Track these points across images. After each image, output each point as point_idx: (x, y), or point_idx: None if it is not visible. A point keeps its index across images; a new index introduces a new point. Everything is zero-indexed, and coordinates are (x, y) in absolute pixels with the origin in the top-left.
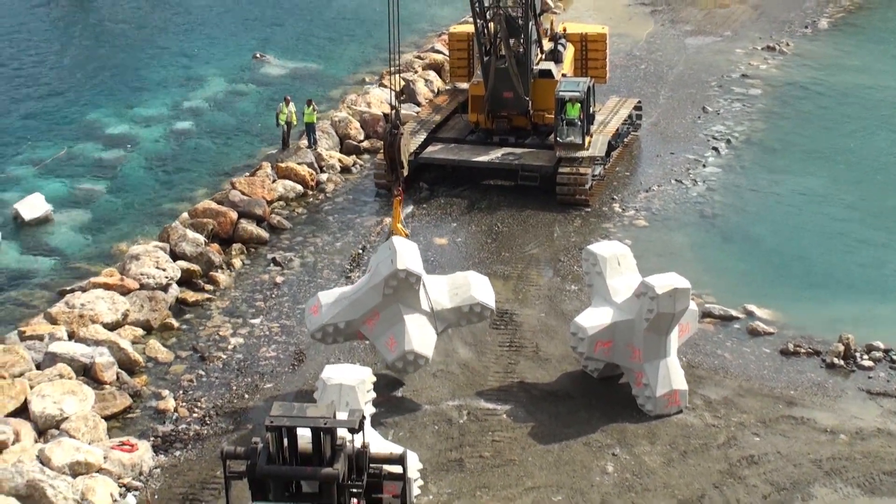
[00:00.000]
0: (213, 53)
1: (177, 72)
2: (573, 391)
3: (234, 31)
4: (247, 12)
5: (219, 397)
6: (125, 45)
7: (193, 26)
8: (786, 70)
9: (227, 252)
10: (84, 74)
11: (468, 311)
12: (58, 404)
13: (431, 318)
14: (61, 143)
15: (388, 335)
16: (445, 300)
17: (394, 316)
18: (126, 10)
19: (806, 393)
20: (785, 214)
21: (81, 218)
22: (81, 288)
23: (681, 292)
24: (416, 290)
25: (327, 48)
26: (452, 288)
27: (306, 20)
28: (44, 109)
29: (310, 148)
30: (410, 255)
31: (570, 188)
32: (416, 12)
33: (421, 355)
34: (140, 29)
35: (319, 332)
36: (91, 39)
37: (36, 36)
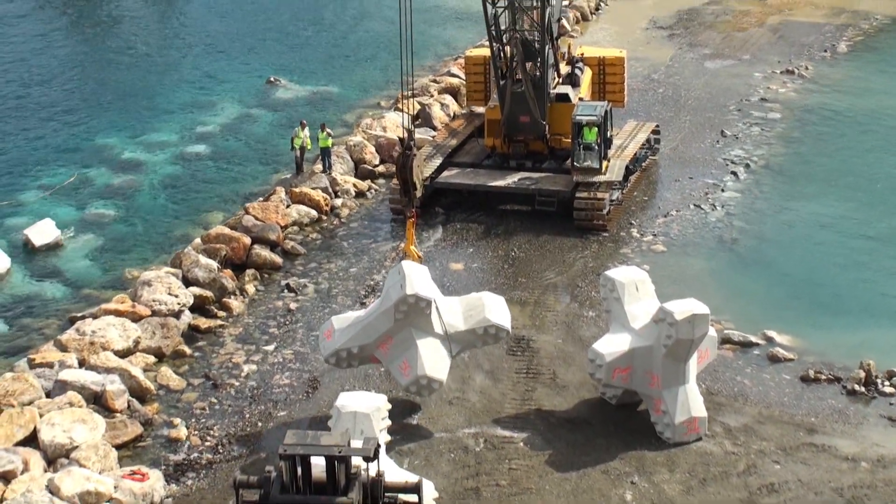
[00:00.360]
0: (226, 77)
1: (189, 96)
2: (591, 418)
3: (248, 54)
4: (261, 35)
5: (232, 425)
6: (136, 69)
7: (206, 50)
8: (805, 94)
9: (241, 278)
10: (94, 98)
11: (483, 333)
12: (67, 433)
13: (445, 341)
14: (71, 168)
15: (401, 359)
16: (459, 322)
17: (406, 340)
18: (136, 34)
19: (827, 420)
20: (805, 239)
21: (92, 244)
22: (92, 315)
23: (700, 318)
24: (427, 314)
25: (342, 72)
26: (466, 309)
27: (321, 44)
28: (53, 134)
29: (324, 173)
30: (420, 279)
31: (587, 213)
32: (432, 36)
33: (435, 379)
34: (151, 52)
35: (333, 357)
36: (101, 62)
37: (44, 59)
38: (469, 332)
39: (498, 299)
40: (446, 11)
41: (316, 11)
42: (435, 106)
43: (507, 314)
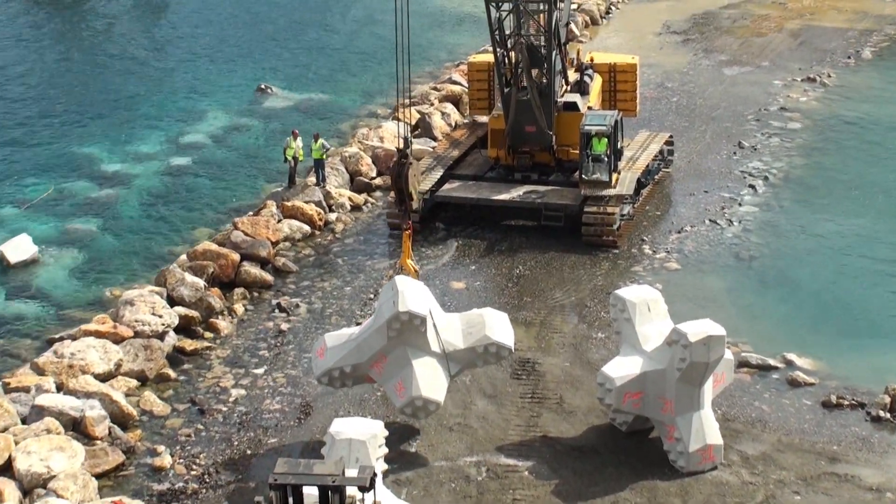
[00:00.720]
0: (214, 84)
1: (175, 104)
2: (600, 446)
3: (237, 60)
4: (251, 41)
5: (219, 453)
6: (119, 76)
7: (193, 55)
8: (827, 102)
9: (229, 297)
10: (74, 106)
11: (483, 352)
12: (45, 461)
13: (443, 360)
14: (50, 180)
15: (396, 379)
16: (458, 340)
17: (401, 359)
18: (121, 39)
19: (850, 448)
20: (827, 257)
21: (71, 261)
22: (71, 336)
23: (715, 340)
24: (422, 332)
25: (337, 79)
26: (466, 327)
27: (314, 50)
28: (31, 144)
29: (318, 185)
30: (415, 295)
31: (596, 229)
32: (431, 40)
33: (431, 401)
34: (135, 58)
35: (326, 377)
36: (82, 69)
37: (22, 66)
38: (469, 351)
39: (500, 316)
40: (447, 15)
41: (309, 16)
42: (435, 115)
43: (510, 332)
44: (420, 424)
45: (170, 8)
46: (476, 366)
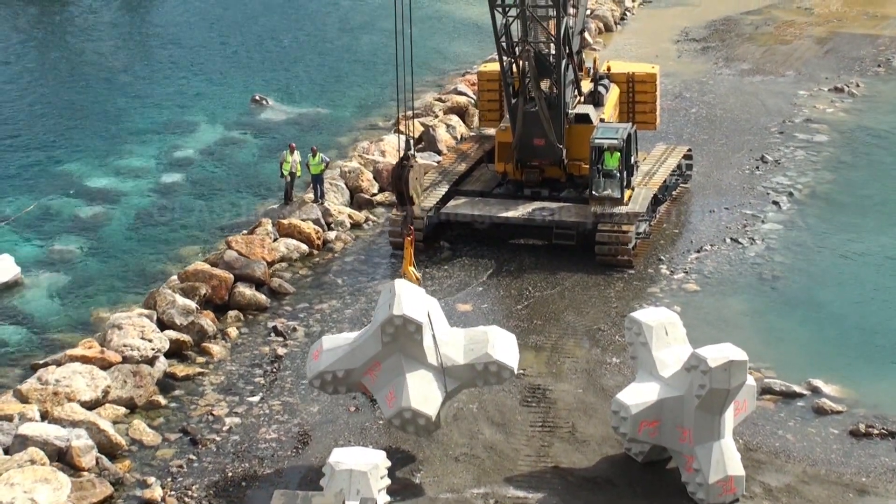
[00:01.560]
0: (206, 95)
1: (165, 116)
2: (615, 478)
3: (231, 70)
4: (245, 50)
5: (212, 485)
6: (107, 87)
7: (184, 65)
8: (856, 114)
9: (222, 320)
10: (59, 119)
11: (483, 370)
12: (29, 494)
13: (440, 375)
14: (32, 197)
15: (388, 388)
16: (459, 356)
17: (395, 368)
18: (107, 48)
19: (880, 480)
20: (855, 277)
21: (56, 282)
22: (56, 362)
23: (737, 366)
24: (417, 339)
25: (336, 90)
26: (469, 343)
27: (311, 59)
28: (12, 159)
29: (316, 202)
30: (412, 301)
31: (610, 248)
32: (435, 49)
33: (421, 414)
34: (123, 67)
35: (318, 380)
36: (66, 78)
37: (3, 77)
38: (468, 368)
39: (507, 336)
40: (453, 22)
41: (306, 23)
42: (440, 127)
43: (514, 353)
44: (424, 454)
45: (158, 14)
46: (476, 385)
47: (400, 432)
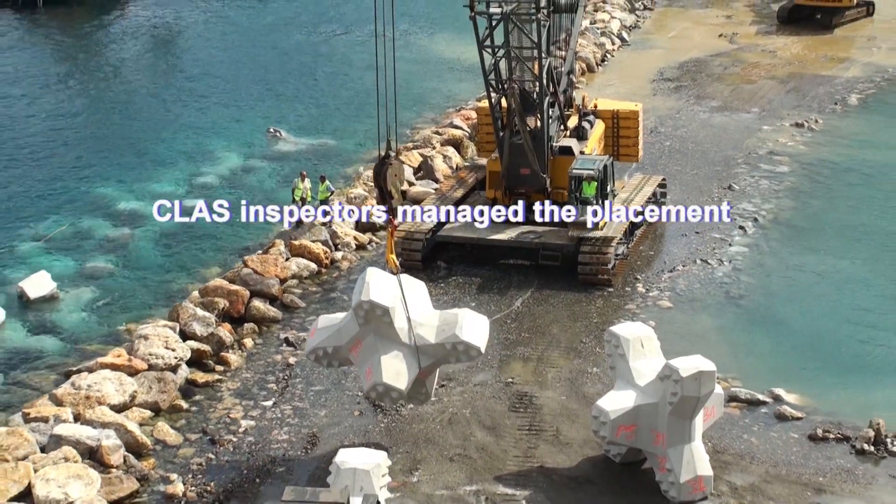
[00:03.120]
0: (225, 128)
1: (188, 146)
2: (595, 477)
3: (248, 105)
4: (260, 87)
5: (229, 481)
6: (134, 118)
7: (205, 100)
8: (815, 147)
9: (239, 332)
10: (91, 147)
11: (451, 349)
12: (63, 488)
13: (413, 352)
14: (66, 218)
15: (367, 365)
16: (431, 336)
17: (372, 346)
18: (136, 82)
19: (835, 480)
20: (814, 296)
21: (88, 296)
22: (88, 368)
23: (706, 375)
24: (387, 321)
25: (342, 124)
26: (441, 324)
27: (321, 96)
28: (49, 184)
29: (324, 225)
30: (380, 286)
31: (592, 268)
32: (432, 88)
33: (392, 388)
34: (150, 101)
35: (312, 354)
36: (98, 110)
37: (39, 106)
38: (439, 347)
39: (479, 319)
40: (447, 63)
41: (315, 63)
42: (437, 158)
43: (483, 335)
44: (422, 454)
45: (184, 53)
46: (449, 362)
47: (400, 435)
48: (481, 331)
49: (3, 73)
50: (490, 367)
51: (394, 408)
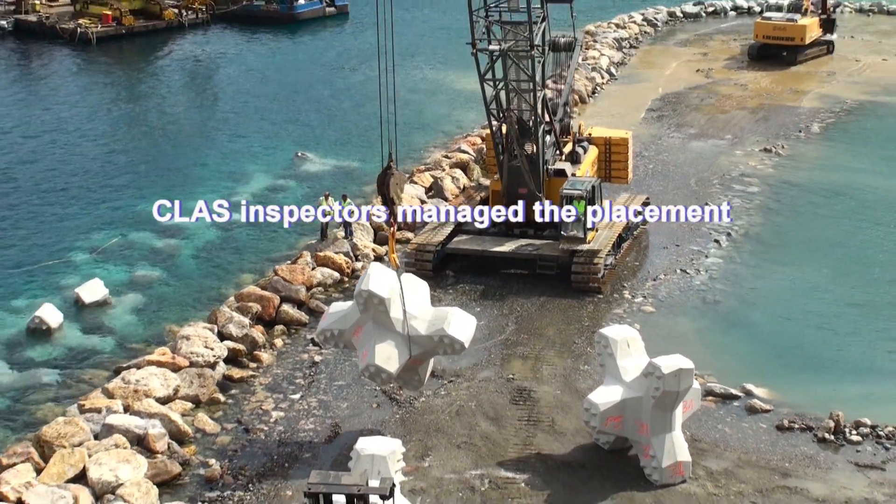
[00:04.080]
0: (257, 151)
1: (224, 167)
2: (586, 462)
3: (278, 131)
4: (290, 115)
5: (261, 466)
6: (177, 142)
7: (240, 126)
8: (781, 170)
9: (270, 333)
10: (139, 168)
11: (438, 341)
12: (113, 471)
13: (405, 341)
14: (117, 232)
15: (364, 347)
16: (422, 328)
17: (370, 331)
18: (178, 109)
19: (799, 465)
20: (781, 302)
21: (137, 301)
22: (136, 365)
23: (685, 372)
24: (382, 310)
25: (362, 147)
26: (433, 319)
27: (343, 121)
28: (102, 202)
29: (346, 239)
30: (379, 279)
31: (583, 277)
32: (442, 115)
33: (382, 370)
34: (191, 127)
35: (321, 336)
36: (144, 136)
37: (92, 132)
38: (427, 338)
39: (466, 318)
40: (456, 94)
41: (339, 94)
42: (446, 179)
43: (468, 332)
44: (432, 442)
45: (222, 85)
46: (437, 352)
47: (413, 425)
48: (467, 328)
49: (62, 102)
50: (493, 365)
51: (407, 401)
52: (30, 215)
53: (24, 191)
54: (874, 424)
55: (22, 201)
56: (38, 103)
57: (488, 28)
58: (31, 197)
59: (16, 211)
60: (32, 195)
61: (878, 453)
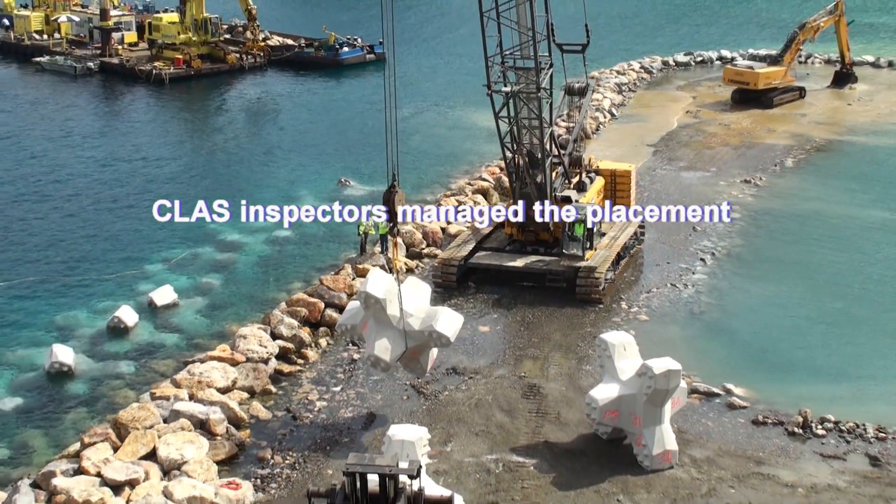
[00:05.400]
0: (306, 177)
1: (277, 191)
2: (587, 449)
3: (325, 159)
4: (335, 146)
5: (306, 448)
6: (237, 170)
7: (291, 155)
8: (759, 199)
9: (315, 334)
10: (203, 192)
11: (428, 336)
12: (179, 451)
13: (401, 334)
14: (185, 246)
15: (370, 340)
16: (416, 324)
17: (373, 326)
18: (239, 141)
19: (772, 455)
20: (757, 313)
21: (201, 305)
22: (200, 360)
23: (674, 373)
24: (380, 308)
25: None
26: (426, 317)
27: (382, 154)
28: (172, 220)
29: (382, 253)
30: (376, 282)
31: (587, 289)
32: (466, 148)
33: (380, 359)
34: (249, 156)
35: (340, 328)
36: (209, 163)
37: (164, 160)
38: (419, 333)
39: (455, 316)
40: (478, 130)
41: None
42: (469, 203)
43: (454, 327)
44: (454, 430)
45: (276, 119)
46: (429, 346)
47: (438, 415)
48: (454, 325)
49: (140, 134)
50: (507, 364)
51: (433, 394)
52: (112, 232)
53: (107, 210)
54: (837, 420)
55: (106, 220)
56: (120, 134)
57: (504, 73)
58: (113, 215)
59: (101, 228)
60: (114, 214)
61: (840, 446)
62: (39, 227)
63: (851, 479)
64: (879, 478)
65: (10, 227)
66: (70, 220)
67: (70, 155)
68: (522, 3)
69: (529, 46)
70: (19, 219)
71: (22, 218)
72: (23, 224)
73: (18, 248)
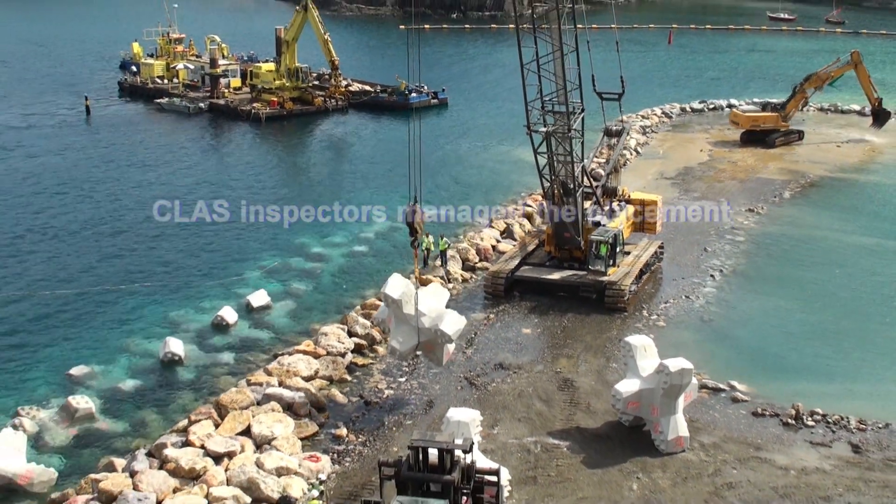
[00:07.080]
0: (378, 200)
1: (355, 212)
2: (612, 435)
3: (395, 186)
4: (404, 175)
5: (375, 428)
6: (322, 194)
7: (367, 181)
8: (761, 225)
9: (385, 333)
10: (293, 212)
11: (434, 333)
12: (270, 428)
13: (415, 331)
14: (277, 257)
15: (393, 333)
16: (427, 322)
17: (394, 321)
18: (324, 171)
19: (768, 442)
20: (758, 321)
21: (290, 307)
22: (288, 353)
23: (687, 371)
24: (397, 307)
25: (456, 200)
26: (436, 316)
27: (444, 178)
28: (267, 235)
29: (441, 266)
30: (395, 285)
31: (614, 299)
32: (514, 179)
33: (395, 349)
34: (332, 183)
35: (375, 320)
36: (298, 189)
37: (261, 186)
38: (428, 330)
39: (458, 318)
40: (524, 163)
41: (441, 157)
42: (516, 225)
43: (458, 328)
44: (501, 416)
45: (356, 152)
46: (438, 341)
47: (487, 403)
48: (457, 325)
49: (241, 164)
50: (545, 361)
51: (483, 385)
52: (217, 246)
53: (211, 228)
54: (825, 413)
55: (211, 236)
56: (224, 165)
57: (543, 115)
58: (217, 233)
59: (208, 243)
60: (218, 231)
61: (827, 435)
62: (162, 240)
63: (836, 464)
64: (860, 462)
65: (140, 241)
66: (185, 231)
67: (185, 180)
68: (558, 59)
69: (563, 94)
70: (152, 235)
71: (148, 233)
72: (152, 239)
73: (144, 259)
